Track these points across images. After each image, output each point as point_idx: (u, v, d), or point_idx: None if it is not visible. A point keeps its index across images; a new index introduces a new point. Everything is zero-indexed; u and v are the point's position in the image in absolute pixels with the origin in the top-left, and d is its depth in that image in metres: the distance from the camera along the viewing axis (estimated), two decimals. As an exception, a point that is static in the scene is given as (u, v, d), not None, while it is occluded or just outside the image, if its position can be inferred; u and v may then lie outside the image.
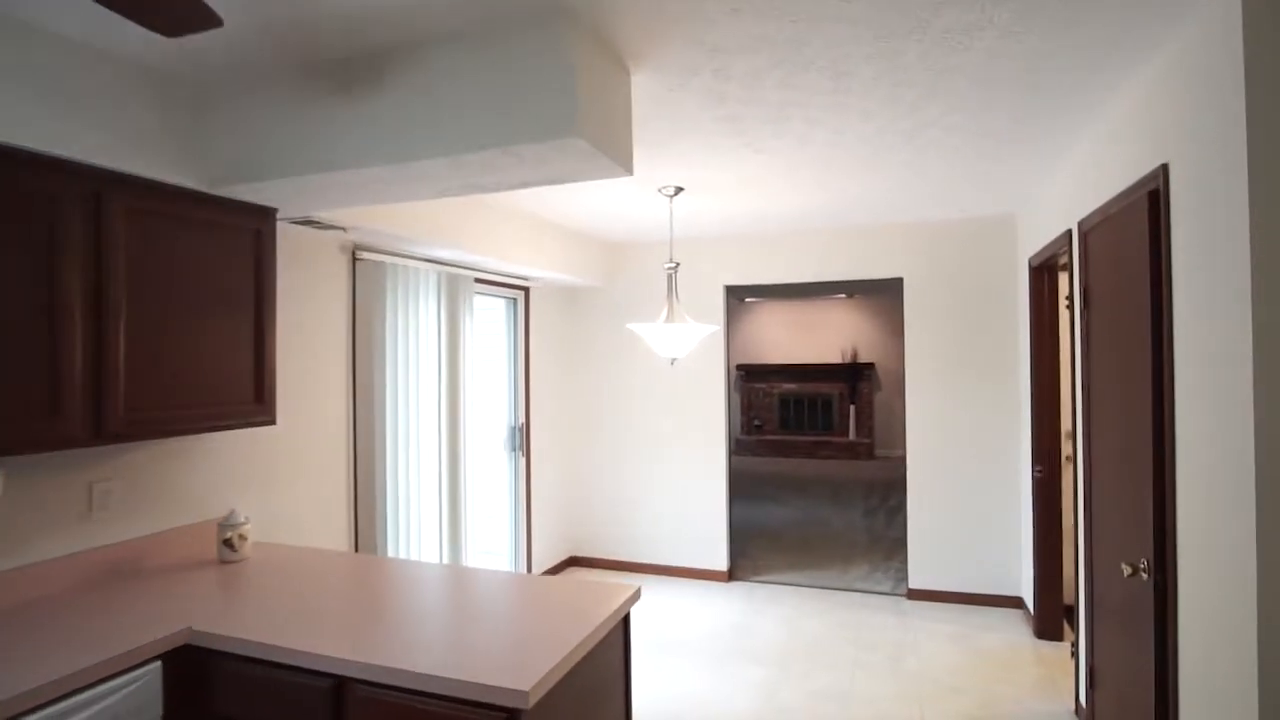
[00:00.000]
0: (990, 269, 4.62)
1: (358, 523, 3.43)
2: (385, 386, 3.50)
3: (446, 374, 3.94)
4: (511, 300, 4.94)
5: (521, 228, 4.31)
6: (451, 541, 3.97)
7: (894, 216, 4.60)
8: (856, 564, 5.56)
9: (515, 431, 4.93)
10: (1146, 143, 2.25)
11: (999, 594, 4.56)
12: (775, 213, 4.36)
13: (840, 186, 3.70)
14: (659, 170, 3.33)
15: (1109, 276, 2.62)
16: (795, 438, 11.83)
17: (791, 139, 2.89)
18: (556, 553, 5.46)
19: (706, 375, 5.27)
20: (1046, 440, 4.01)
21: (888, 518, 7.19)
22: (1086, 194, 2.94)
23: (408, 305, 3.66)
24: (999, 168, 3.39)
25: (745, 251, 5.17)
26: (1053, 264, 3.94)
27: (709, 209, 4.19)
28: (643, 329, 3.56)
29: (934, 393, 4.74)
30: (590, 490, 5.63)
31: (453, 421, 3.97)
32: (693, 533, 5.30)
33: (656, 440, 5.42)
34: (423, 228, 3.42)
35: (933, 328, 4.75)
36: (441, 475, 3.91)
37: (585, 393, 5.64)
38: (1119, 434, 2.52)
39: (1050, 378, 4.01)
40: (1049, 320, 4.02)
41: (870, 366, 11.50)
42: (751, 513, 7.53)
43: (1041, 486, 4.02)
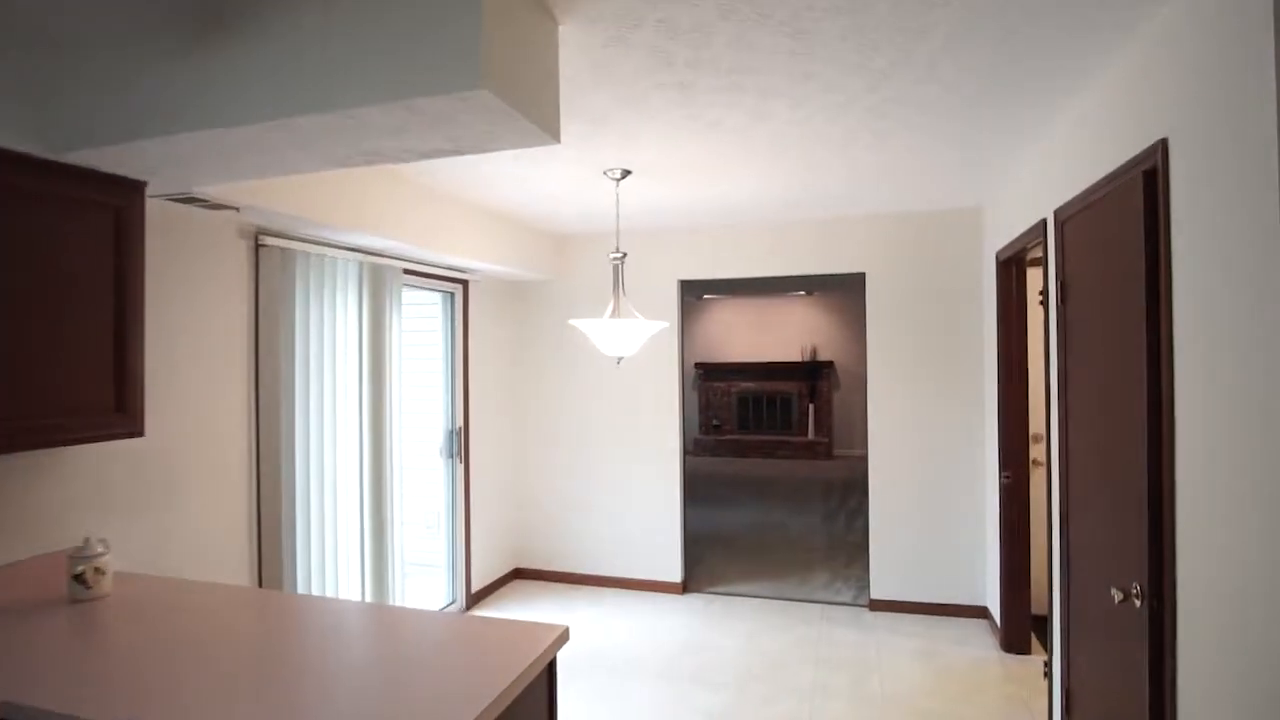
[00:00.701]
0: (955, 264, 4.41)
1: (261, 550, 3.02)
2: (294, 392, 3.10)
3: (369, 376, 3.55)
4: (448, 294, 4.56)
5: (458, 215, 3.94)
6: (375, 567, 3.58)
7: (856, 209, 4.36)
8: (817, 572, 5.33)
9: (453, 436, 4.55)
10: (1142, 116, 2.01)
11: (963, 604, 4.36)
12: (732, 203, 4.08)
13: (801, 173, 3.43)
14: (604, 150, 3.01)
15: (1091, 267, 2.39)
16: (754, 437, 11.63)
17: (746, 113, 2.60)
18: (499, 565, 5.09)
19: (660, 375, 4.97)
20: (1014, 444, 3.81)
21: (848, 521, 7.01)
22: (1065, 180, 2.71)
23: (322, 298, 3.26)
24: (969, 154, 3.16)
25: (701, 245, 4.88)
26: (1021, 258, 3.74)
27: (660, 196, 3.89)
28: (587, 325, 3.24)
29: (896, 393, 4.52)
30: (536, 498, 5.28)
31: (376, 428, 3.59)
32: (645, 542, 4.99)
33: (607, 444, 5.10)
34: (339, 211, 3.03)
35: (895, 325, 4.53)
36: (364, 491, 3.52)
37: (531, 394, 5.29)
38: (1101, 440, 2.29)
39: (1018, 378, 3.81)
40: (1016, 317, 3.82)
41: (829, 365, 11.37)
42: (709, 517, 7.27)
43: (1009, 492, 3.82)
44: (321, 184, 2.93)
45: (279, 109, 1.62)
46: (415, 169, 3.29)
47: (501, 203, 4.03)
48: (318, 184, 2.91)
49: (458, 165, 3.23)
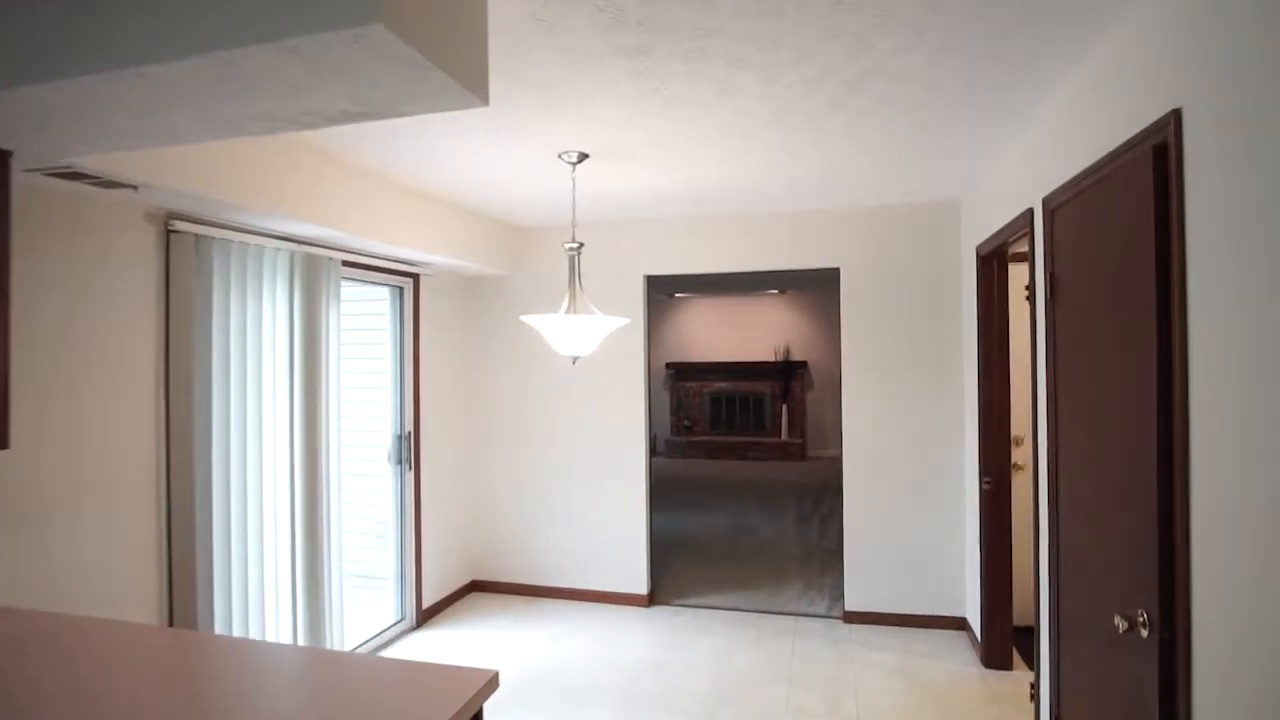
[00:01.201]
0: (933, 259, 4.22)
1: (173, 580, 2.70)
2: (211, 397, 2.78)
3: (302, 378, 3.23)
4: (397, 289, 4.25)
5: (403, 202, 3.64)
6: (309, 592, 3.26)
7: (830, 201, 4.14)
8: (790, 580, 5.11)
9: (402, 442, 4.24)
10: (1150, 86, 1.80)
11: (941, 614, 4.17)
12: (700, 193, 3.83)
13: (772, 160, 3.20)
14: (558, 128, 2.74)
15: (1086, 258, 2.18)
16: (726, 438, 11.43)
17: (711, 85, 2.35)
18: (455, 577, 4.79)
19: (625, 376, 4.71)
20: (995, 448, 3.62)
21: (822, 525, 6.81)
22: (1055, 164, 2.50)
23: (245, 291, 2.94)
24: (949, 139, 2.94)
25: (668, 238, 4.63)
26: (1003, 252, 3.55)
27: (622, 184, 3.62)
28: (540, 321, 2.97)
29: (872, 394, 4.31)
30: (494, 506, 4.98)
31: (310, 437, 3.27)
32: (609, 553, 4.73)
33: (569, 449, 4.82)
34: (258, 193, 2.72)
35: (871, 323, 4.32)
36: (295, 508, 3.20)
37: (488, 396, 4.99)
38: (1099, 447, 2.08)
39: (999, 379, 3.61)
40: (998, 315, 3.62)
41: (803, 365, 11.21)
42: (679, 522, 7.03)
43: (989, 499, 3.63)
44: (237, 162, 2.62)
45: (126, 54, 1.33)
46: (346, 147, 2.99)
47: (451, 189, 3.74)
48: (232, 161, 2.59)
49: (397, 144, 2.94)
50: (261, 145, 2.70)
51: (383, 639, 4.01)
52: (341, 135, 2.80)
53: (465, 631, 4.23)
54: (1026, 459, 3.95)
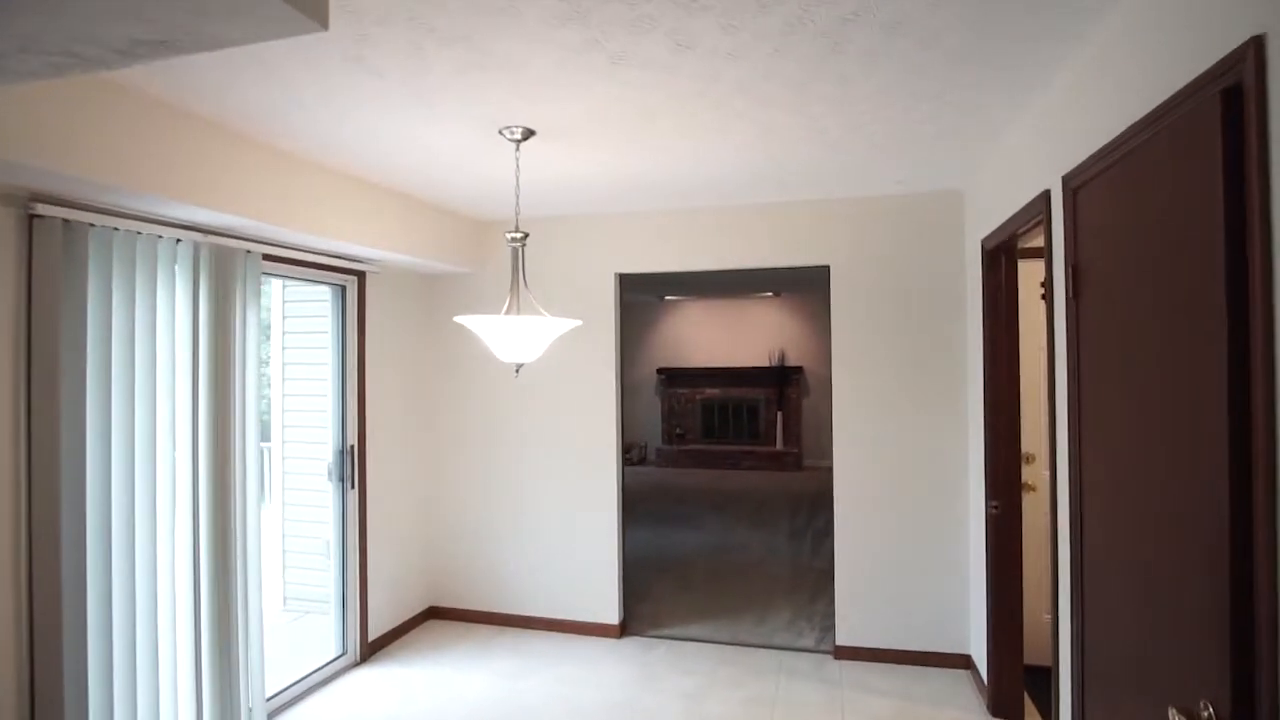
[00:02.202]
0: (932, 256, 3.81)
1: (33, 645, 2.27)
2: (85, 410, 2.37)
3: (209, 388, 2.82)
4: (338, 288, 3.84)
5: (341, 192, 3.23)
6: (217, 641, 2.83)
7: (817, 191, 3.73)
8: (777, 607, 4.68)
9: (343, 457, 3.82)
10: (1215, 13, 1.39)
11: (943, 651, 3.74)
12: (671, 182, 3.43)
13: (746, 138, 2.79)
14: (492, 94, 2.33)
15: (1119, 245, 1.77)
16: (719, 447, 11.00)
17: (661, 38, 1.94)
18: (410, 604, 4.37)
19: (595, 385, 4.29)
20: (1003, 467, 3.20)
21: (815, 543, 6.38)
22: (1078, 134, 2.10)
23: (135, 288, 2.53)
24: (951, 112, 2.54)
25: (641, 234, 4.22)
26: (1012, 246, 3.14)
27: (579, 168, 3.21)
28: (476, 323, 2.55)
29: (865, 405, 3.89)
30: (452, 527, 4.56)
31: (218, 454, 2.85)
32: (579, 578, 4.30)
33: (535, 463, 4.41)
34: (150, 175, 2.31)
35: (864, 325, 3.91)
36: (199, 537, 2.78)
37: (447, 405, 4.58)
38: (1136, 474, 1.67)
39: (1008, 390, 3.20)
40: (1006, 316, 3.21)
41: (799, 370, 10.79)
42: (662, 539, 6.60)
43: (997, 524, 3.21)
44: (116, 135, 2.21)
45: None
46: (250, 120, 2.58)
47: (391, 176, 3.33)
48: (109, 136, 2.19)
49: (317, 120, 2.53)
50: (151, 116, 2.30)
51: (318, 678, 3.58)
52: (245, 105, 2.39)
53: (413, 669, 3.80)
54: (1039, 479, 3.54)
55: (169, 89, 2.25)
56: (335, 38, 1.90)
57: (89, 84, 2.12)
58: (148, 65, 2.05)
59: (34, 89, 1.98)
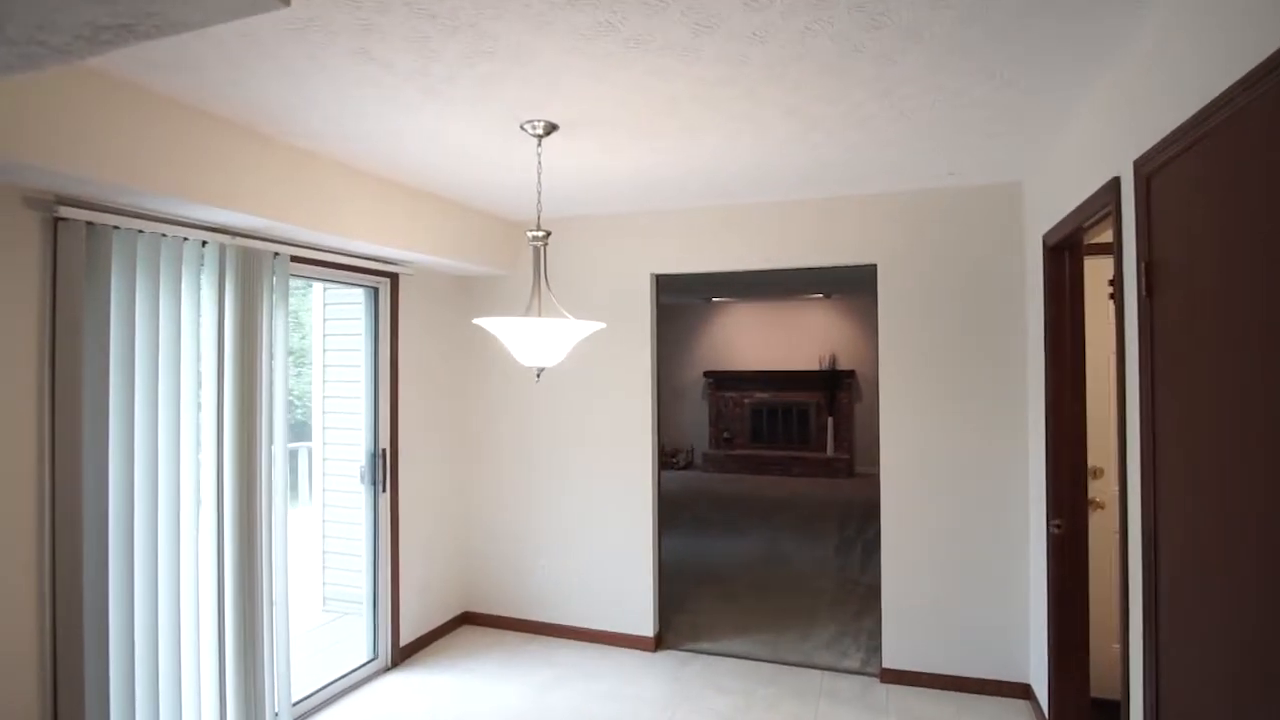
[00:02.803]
0: (988, 253, 3.55)
1: (56, 644, 2.27)
2: (109, 413, 2.37)
3: (235, 391, 2.81)
4: (371, 290, 3.81)
5: (369, 193, 3.20)
6: (242, 646, 2.81)
7: (862, 186, 3.52)
8: (821, 623, 4.46)
9: (375, 460, 3.80)
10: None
11: (999, 679, 3.47)
12: (705, 178, 3.27)
13: (781, 129, 2.62)
14: (506, 87, 2.22)
15: (1206, 235, 1.54)
16: (768, 452, 10.74)
17: (679, 21, 1.79)
18: (443, 609, 4.32)
19: (631, 389, 4.16)
20: (1067, 483, 2.93)
21: (864, 555, 6.11)
22: (1154, 109, 1.86)
23: (159, 291, 2.53)
24: (1007, 91, 2.31)
25: (677, 234, 4.08)
26: (1077, 241, 2.87)
27: (607, 164, 3.09)
28: (495, 325, 2.46)
29: (915, 411, 3.66)
30: (487, 531, 4.50)
31: (244, 457, 2.83)
32: (613, 587, 4.18)
33: (569, 467, 4.31)
34: (176, 176, 2.29)
35: (913, 328, 3.67)
36: (224, 541, 2.76)
37: (479, 410, 4.52)
38: (1233, 493, 1.44)
39: (1072, 398, 2.93)
40: (1071, 319, 2.94)
41: (850, 374, 10.44)
42: (704, 548, 6.42)
43: (1061, 545, 2.94)
44: (135, 139, 2.20)
45: None
46: (274, 121, 2.54)
47: (418, 176, 3.27)
48: (128, 138, 2.17)
49: (332, 118, 2.48)
50: (169, 118, 2.28)
51: (347, 682, 3.56)
52: (261, 104, 2.35)
53: (442, 677, 3.75)
54: (1108, 495, 3.25)
55: (185, 90, 2.22)
56: (338, 29, 1.83)
57: (106, 85, 2.10)
58: (158, 65, 2.02)
59: (52, 92, 1.97)
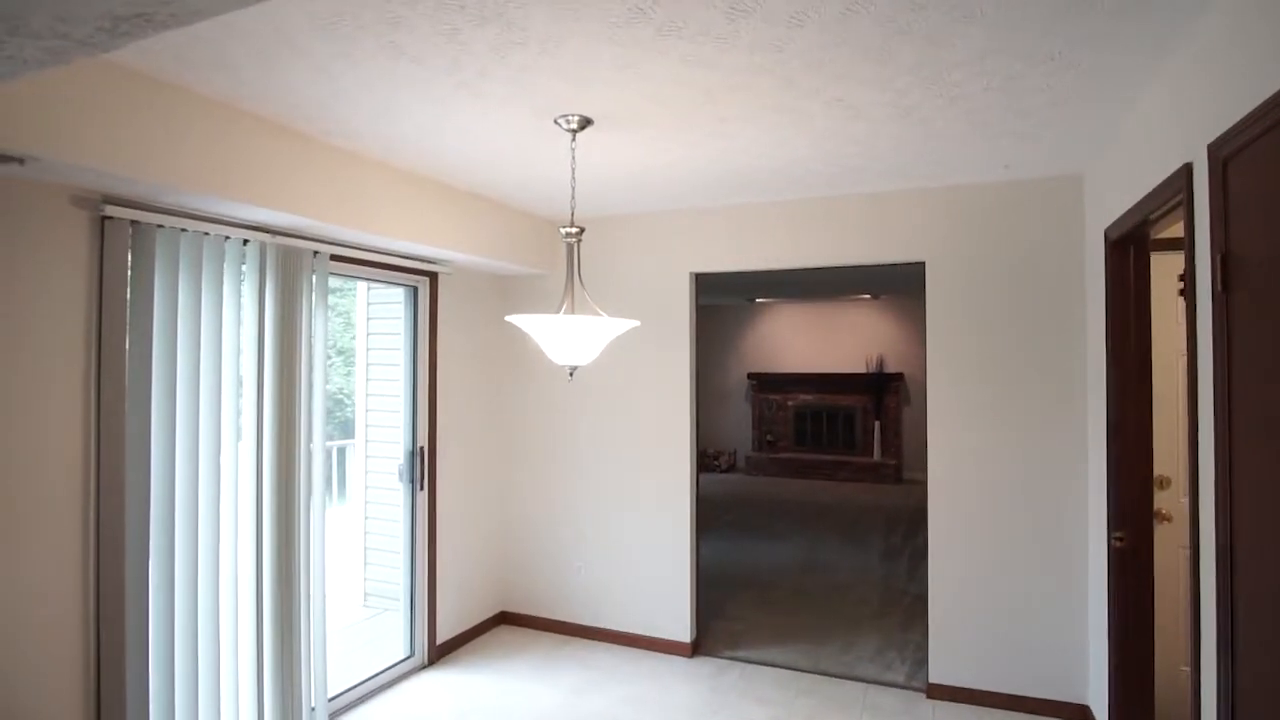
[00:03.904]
0: (1045, 249, 3.37)
1: (100, 646, 2.33)
2: (151, 410, 2.42)
3: (275, 388, 2.84)
4: (410, 289, 3.84)
5: (406, 192, 3.21)
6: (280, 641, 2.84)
7: (911, 179, 3.38)
8: (864, 633, 4.32)
9: (414, 458, 3.82)
10: None
11: (1055, 699, 3.29)
12: (745, 174, 3.19)
13: (822, 121, 2.52)
14: (539, 80, 2.19)
15: (1289, 224, 1.40)
16: (813, 456, 10.53)
17: (714, 4, 1.73)
18: (481, 609, 4.33)
19: (669, 390, 4.10)
20: (1131, 493, 2.75)
21: (910, 564, 5.91)
22: (1230, 88, 1.71)
23: (201, 288, 2.57)
24: (1067, 74, 2.17)
25: (717, 231, 3.99)
26: (1143, 235, 2.69)
27: (644, 160, 3.04)
28: (529, 323, 2.42)
29: (965, 415, 3.50)
30: (525, 531, 4.49)
31: (283, 453, 2.87)
32: (650, 590, 4.12)
33: (606, 468, 4.26)
34: (215, 175, 2.33)
35: (964, 328, 3.52)
36: (262, 537, 2.80)
37: (517, 409, 4.51)
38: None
39: (1137, 402, 2.75)
40: (1136, 317, 2.76)
41: (898, 377, 10.16)
42: (745, 553, 6.30)
43: (1124, 560, 2.76)
44: (181, 139, 2.24)
45: None
46: (314, 121, 2.56)
47: (453, 174, 3.27)
48: (173, 138, 2.21)
49: (365, 115, 2.48)
50: (209, 117, 2.31)
51: (384, 679, 3.58)
52: (294, 101, 2.37)
53: (477, 676, 3.74)
54: (1176, 507, 3.04)
55: (223, 89, 2.25)
56: (367, 23, 1.81)
57: (148, 86, 2.14)
58: (195, 64, 2.04)
59: (96, 93, 2.01)
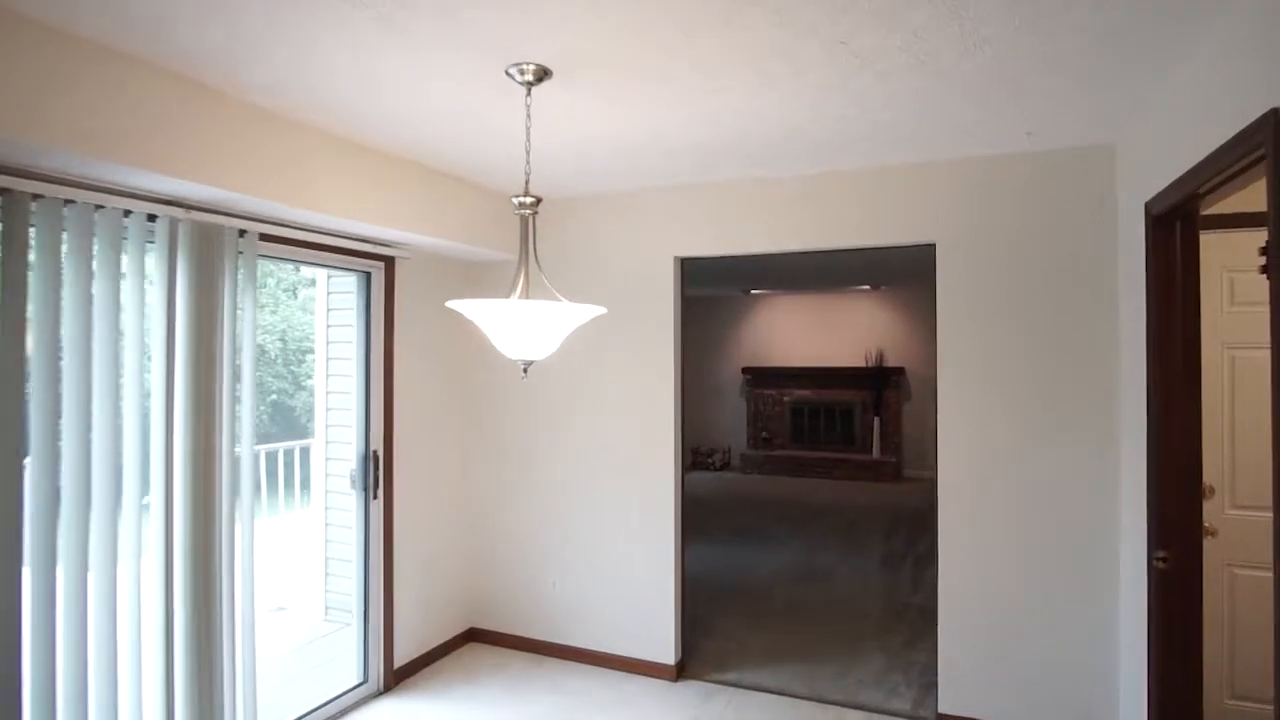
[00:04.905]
0: (1070, 230, 3.00)
1: None
2: (30, 415, 2.03)
3: (188, 386, 2.45)
4: (363, 275, 3.45)
5: (350, 161, 2.83)
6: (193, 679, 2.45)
7: (919, 151, 3.01)
8: (865, 654, 3.95)
9: (367, 463, 3.44)
10: None
11: (1082, 733, 2.94)
12: (734, 143, 2.81)
13: (816, 71, 2.14)
14: (483, 17, 1.80)
15: None
16: (809, 454, 10.17)
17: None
18: (446, 626, 3.96)
19: (651, 387, 3.72)
20: (1176, 507, 2.39)
21: (915, 571, 5.55)
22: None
23: (89, 272, 2.19)
24: (1112, 13, 1.79)
25: (703, 211, 3.61)
26: (1192, 209, 2.31)
27: (617, 125, 2.65)
28: (473, 309, 2.04)
29: (979, 416, 3.13)
30: (496, 540, 4.11)
31: (202, 462, 2.48)
32: (628, 607, 3.75)
33: (580, 473, 3.89)
34: (105, 137, 1.94)
35: (978, 316, 3.14)
36: (172, 554, 2.42)
37: (484, 408, 4.12)
38: None
39: (1185, 401, 2.38)
40: (1184, 305, 2.39)
41: (899, 372, 9.80)
42: (735, 560, 5.94)
43: (1167, 582, 2.40)
44: (57, 91, 1.85)
45: None
46: (228, 73, 2.17)
47: (401, 142, 2.89)
48: (43, 88, 1.82)
49: (279, 64, 2.09)
50: (91, 61, 1.93)
51: (331, 710, 3.21)
52: (208, 52, 1.99)
53: (438, 704, 3.37)
54: (1220, 520, 2.69)
55: (107, 32, 1.86)
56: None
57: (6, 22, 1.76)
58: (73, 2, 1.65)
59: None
